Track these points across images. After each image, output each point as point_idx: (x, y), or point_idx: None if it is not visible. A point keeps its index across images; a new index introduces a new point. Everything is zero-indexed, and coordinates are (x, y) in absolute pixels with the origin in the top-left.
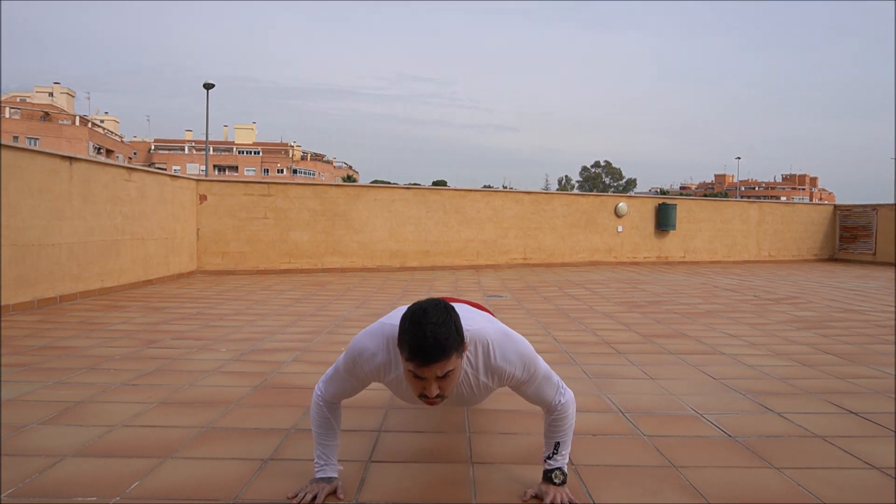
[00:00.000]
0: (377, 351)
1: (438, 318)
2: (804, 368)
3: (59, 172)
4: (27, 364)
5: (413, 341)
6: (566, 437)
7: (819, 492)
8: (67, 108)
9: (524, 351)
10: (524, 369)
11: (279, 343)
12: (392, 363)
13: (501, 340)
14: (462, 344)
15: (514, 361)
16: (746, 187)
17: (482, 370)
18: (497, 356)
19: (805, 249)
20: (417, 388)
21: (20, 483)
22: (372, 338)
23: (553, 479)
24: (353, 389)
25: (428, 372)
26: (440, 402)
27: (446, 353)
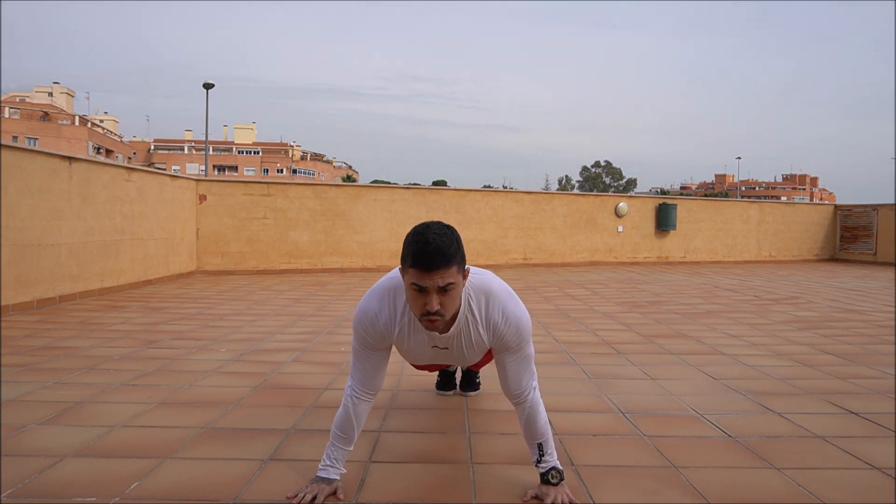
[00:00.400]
0: (380, 307)
1: (441, 230)
2: (805, 369)
3: (59, 172)
4: (27, 364)
5: (416, 248)
6: (545, 436)
7: (819, 492)
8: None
9: (522, 318)
10: (517, 334)
11: (279, 343)
12: (396, 316)
13: (504, 296)
14: (464, 260)
15: (510, 322)
16: (747, 187)
17: (482, 321)
18: (496, 310)
19: (805, 249)
20: (419, 303)
21: (20, 483)
22: (371, 298)
23: (550, 479)
24: (376, 364)
25: (430, 280)
26: (441, 323)
27: (447, 261)
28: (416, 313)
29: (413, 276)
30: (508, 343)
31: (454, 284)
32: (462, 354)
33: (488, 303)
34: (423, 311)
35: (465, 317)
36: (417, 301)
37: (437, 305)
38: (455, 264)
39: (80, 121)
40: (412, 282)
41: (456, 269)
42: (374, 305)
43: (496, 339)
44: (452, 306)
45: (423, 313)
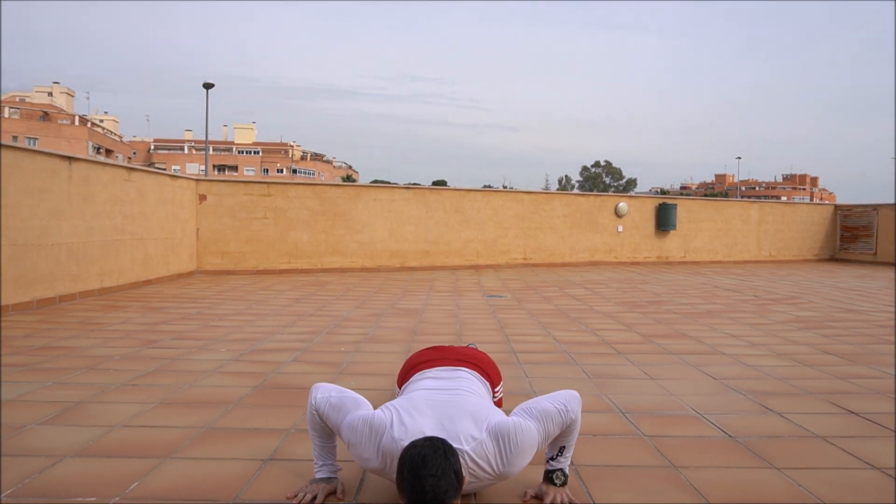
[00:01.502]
0: (371, 458)
1: (437, 468)
2: (805, 368)
3: (59, 172)
4: (27, 364)
5: (412, 494)
6: (571, 440)
7: (819, 492)
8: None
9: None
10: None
11: (279, 343)
12: (387, 465)
13: (512, 430)
14: (461, 487)
15: (527, 440)
16: (747, 187)
17: (494, 463)
18: (512, 444)
19: (805, 249)
20: None
21: (20, 483)
22: (370, 448)
23: (554, 479)
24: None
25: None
26: None
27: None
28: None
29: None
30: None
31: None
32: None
33: (499, 445)
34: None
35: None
36: None
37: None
38: (453, 501)
39: (80, 121)
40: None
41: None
42: (367, 453)
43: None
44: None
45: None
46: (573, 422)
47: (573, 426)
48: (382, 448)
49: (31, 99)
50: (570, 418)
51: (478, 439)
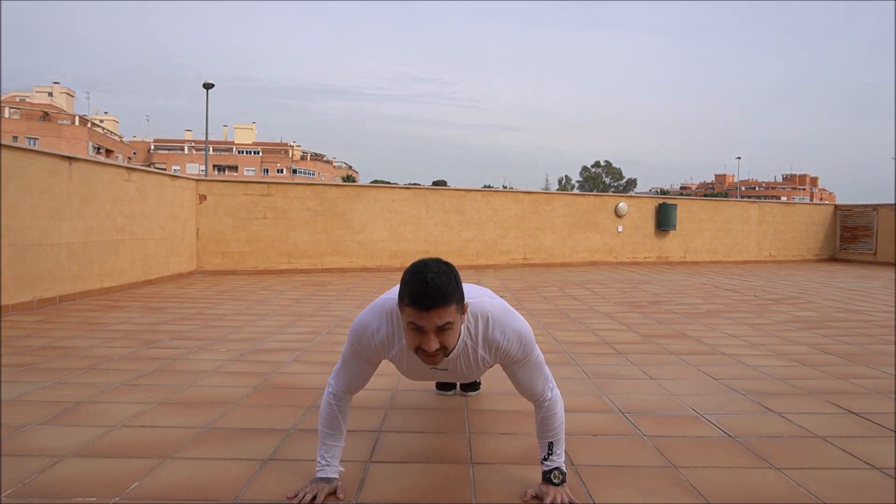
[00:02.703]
0: (380, 325)
1: (439, 268)
2: (804, 369)
3: (59, 172)
4: (27, 364)
5: (414, 287)
6: (558, 436)
7: (819, 492)
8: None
9: (522, 330)
10: (520, 347)
11: (279, 343)
12: (395, 336)
13: (501, 315)
14: (462, 299)
15: (511, 337)
16: (747, 187)
17: (481, 343)
18: (496, 330)
19: (805, 249)
20: (416, 341)
21: (20, 483)
22: (373, 313)
23: (552, 479)
24: (363, 374)
25: (427, 320)
26: (440, 358)
27: (446, 300)
28: (412, 347)
29: (410, 315)
30: (514, 356)
31: (452, 323)
32: (462, 373)
33: (486, 325)
34: (418, 347)
35: (463, 342)
36: (414, 339)
37: (435, 346)
38: (454, 303)
39: (80, 121)
40: (410, 320)
41: (455, 307)
42: (375, 322)
43: (500, 356)
44: (451, 343)
45: (419, 349)
46: (550, 408)
47: (551, 415)
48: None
49: (31, 99)
50: (547, 397)
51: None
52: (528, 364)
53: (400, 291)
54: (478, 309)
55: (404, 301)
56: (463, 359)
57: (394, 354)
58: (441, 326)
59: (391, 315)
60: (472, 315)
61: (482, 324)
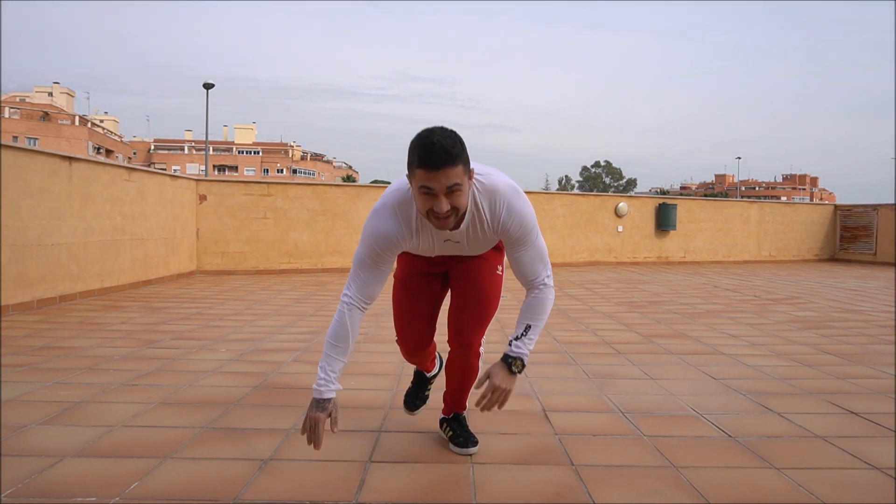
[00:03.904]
0: (390, 223)
1: (444, 132)
2: (804, 369)
3: (59, 172)
4: (27, 364)
5: (422, 150)
6: (539, 322)
7: (819, 492)
8: (67, 107)
9: (526, 212)
10: (521, 228)
11: (279, 343)
12: (410, 226)
13: (509, 193)
14: (468, 162)
15: (514, 216)
16: (747, 187)
17: (487, 218)
18: (503, 206)
19: (805, 249)
20: (428, 203)
21: (20, 483)
22: (382, 215)
23: (511, 366)
24: (379, 277)
25: (437, 181)
26: (452, 220)
27: (453, 160)
28: (424, 213)
29: (420, 178)
30: (514, 236)
31: (460, 185)
32: (473, 247)
33: (494, 200)
34: (431, 210)
35: (472, 214)
36: (426, 202)
37: (446, 206)
38: (460, 164)
39: (80, 121)
40: (420, 184)
41: (461, 168)
42: (388, 223)
43: (502, 232)
44: (461, 204)
45: (432, 214)
46: (544, 293)
47: (542, 299)
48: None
49: (31, 99)
50: (544, 283)
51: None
52: (529, 247)
53: (409, 159)
54: (487, 183)
55: (414, 165)
56: (472, 231)
57: (408, 242)
58: (450, 187)
59: (399, 211)
60: (480, 187)
61: (489, 197)
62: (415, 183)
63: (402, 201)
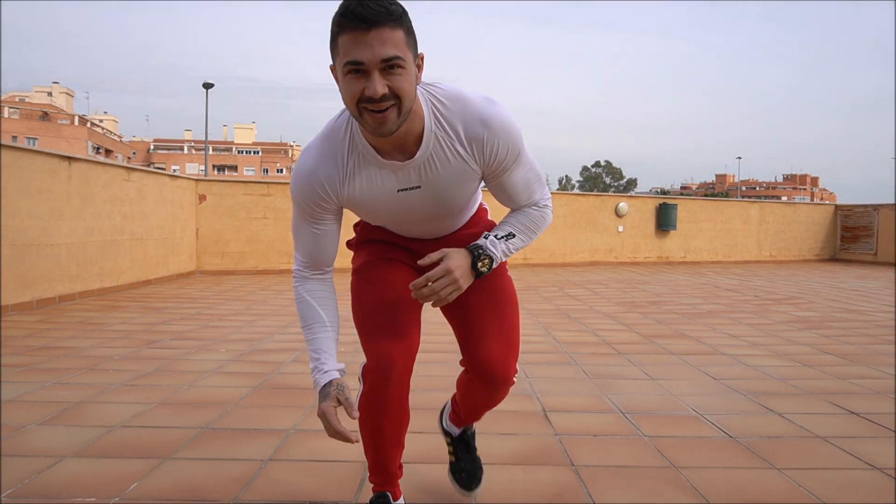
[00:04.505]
0: (318, 158)
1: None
2: (805, 369)
3: (58, 172)
4: (27, 364)
5: (344, 6)
6: (526, 237)
7: (819, 492)
8: (66, 107)
9: (508, 120)
10: (508, 142)
11: (279, 343)
12: (340, 159)
13: (482, 101)
14: (413, 34)
15: (495, 126)
16: (747, 187)
17: (460, 135)
18: (475, 116)
19: (806, 249)
20: (357, 88)
21: (20, 483)
22: (306, 152)
23: (477, 262)
24: (323, 235)
25: (367, 49)
26: (394, 117)
27: (390, 17)
28: (354, 106)
29: (345, 50)
30: (500, 157)
31: (402, 60)
32: (442, 193)
33: (465, 113)
34: (363, 98)
35: (433, 134)
36: (355, 88)
37: (382, 88)
38: (401, 28)
39: (80, 121)
40: (346, 61)
41: (403, 36)
42: (311, 159)
43: (482, 155)
44: (404, 90)
45: (364, 102)
46: (541, 213)
47: (538, 217)
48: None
49: (31, 99)
50: (545, 204)
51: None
52: (520, 165)
53: (330, 33)
54: (449, 93)
55: (334, 34)
56: (438, 161)
57: (347, 187)
58: (387, 60)
59: (327, 141)
60: (442, 97)
61: (458, 110)
62: (339, 62)
63: (334, 129)
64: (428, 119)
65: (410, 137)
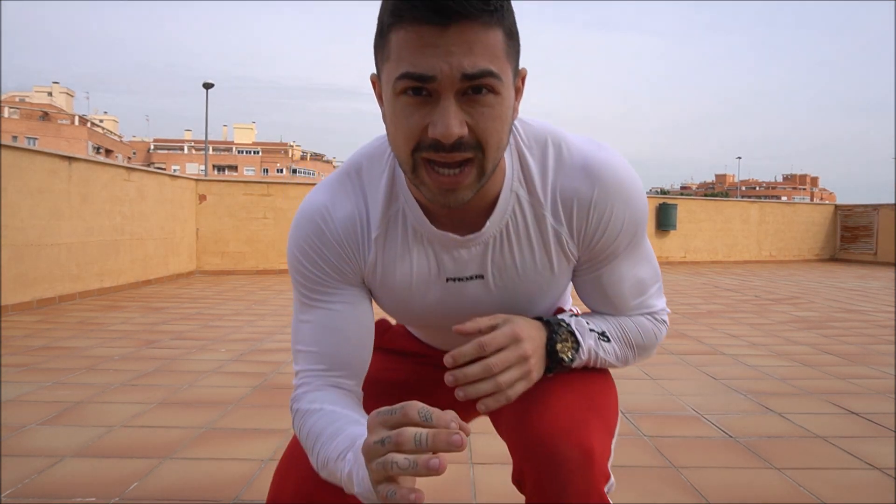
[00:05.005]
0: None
1: None
2: (805, 369)
3: (59, 172)
4: (27, 364)
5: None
6: (622, 345)
7: (819, 492)
8: (66, 107)
9: (630, 178)
10: (626, 213)
11: (279, 343)
12: (369, 205)
13: (587, 146)
14: (516, 36)
15: (609, 190)
16: (747, 187)
17: (550, 196)
18: (577, 170)
19: (806, 249)
20: (416, 124)
21: (20, 483)
22: (321, 187)
23: (556, 340)
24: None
25: (438, 56)
26: (468, 168)
27: (484, 5)
28: (408, 153)
29: (401, 54)
30: (610, 236)
31: (498, 80)
32: (516, 289)
33: (558, 159)
34: (424, 140)
35: (513, 196)
36: (413, 123)
37: (459, 127)
38: (501, 27)
39: (80, 121)
40: (401, 72)
41: (503, 38)
42: (324, 194)
43: (582, 229)
44: (495, 136)
45: (426, 150)
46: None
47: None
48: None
49: (31, 99)
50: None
51: None
52: (636, 250)
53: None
54: (537, 126)
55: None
56: (513, 238)
57: (372, 251)
58: (473, 79)
59: (352, 177)
60: (524, 134)
61: (550, 154)
62: (387, 77)
63: (360, 159)
64: (509, 173)
65: (480, 202)
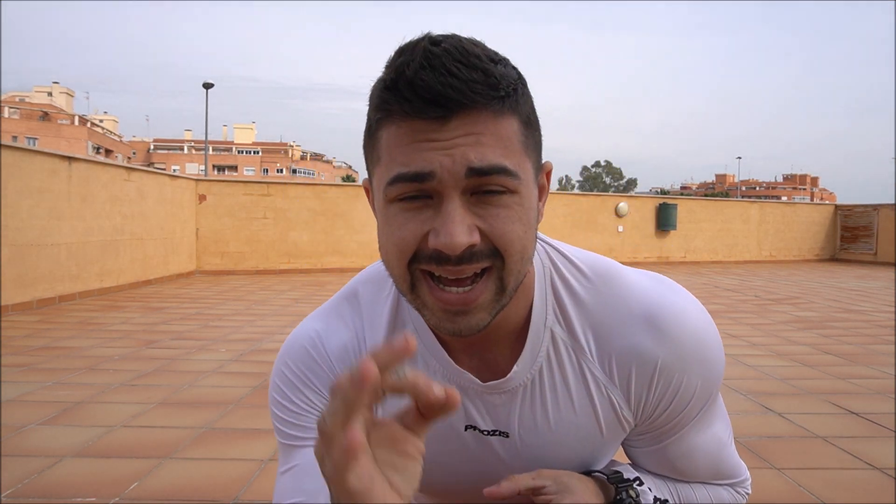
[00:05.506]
0: (326, 326)
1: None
2: (805, 369)
3: (59, 172)
4: (27, 364)
5: (396, 65)
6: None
7: (819, 492)
8: (66, 107)
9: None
10: (701, 376)
11: (279, 343)
12: (366, 336)
13: (650, 284)
14: (536, 125)
15: (681, 347)
16: (747, 187)
17: (595, 346)
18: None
19: (806, 249)
20: (412, 232)
21: (20, 483)
22: (314, 316)
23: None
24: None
25: (437, 151)
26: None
27: (492, 90)
28: (404, 267)
29: (394, 154)
30: (679, 404)
31: (515, 178)
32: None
33: (611, 299)
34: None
35: (547, 333)
36: (407, 231)
37: (466, 235)
38: (516, 114)
39: (80, 121)
40: (394, 174)
41: (519, 128)
42: (318, 322)
43: (642, 394)
44: (516, 241)
45: (425, 261)
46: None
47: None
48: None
49: (31, 99)
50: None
51: None
52: (711, 415)
53: (368, 118)
54: (584, 257)
55: (375, 121)
56: (548, 387)
57: None
58: (482, 175)
59: (349, 305)
60: (570, 260)
61: (601, 291)
62: (379, 181)
63: (359, 284)
64: (540, 301)
65: (504, 332)
